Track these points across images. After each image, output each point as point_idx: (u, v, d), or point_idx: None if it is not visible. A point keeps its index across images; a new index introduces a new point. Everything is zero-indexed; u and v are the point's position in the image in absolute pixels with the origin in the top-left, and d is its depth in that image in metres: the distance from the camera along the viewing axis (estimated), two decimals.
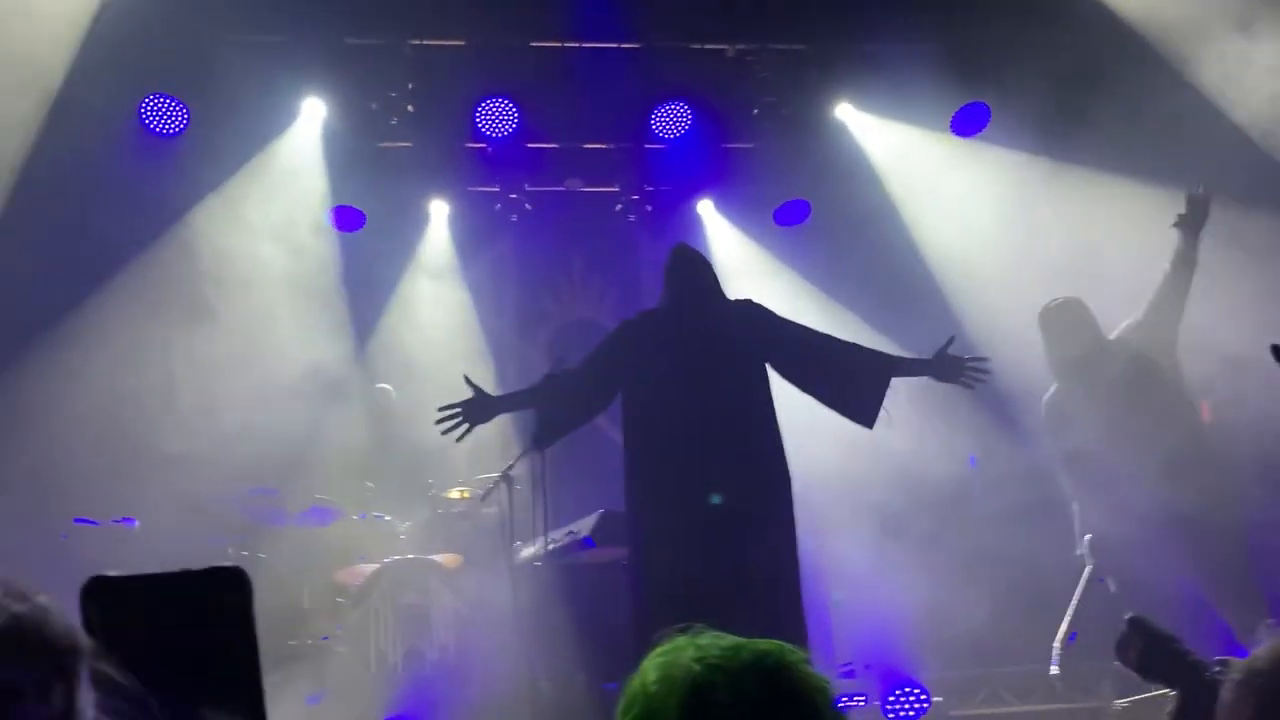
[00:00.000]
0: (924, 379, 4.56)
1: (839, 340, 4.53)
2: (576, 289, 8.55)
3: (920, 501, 6.56)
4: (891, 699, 5.81)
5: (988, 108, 7.05)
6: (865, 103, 7.31)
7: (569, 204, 8.10)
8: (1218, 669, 1.96)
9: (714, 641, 1.25)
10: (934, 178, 7.24)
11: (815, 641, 4.78)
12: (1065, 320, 4.96)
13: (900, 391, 4.39)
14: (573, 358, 4.72)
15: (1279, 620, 4.39)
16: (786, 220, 8.00)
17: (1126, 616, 2.28)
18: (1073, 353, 4.90)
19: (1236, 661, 1.91)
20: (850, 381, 4.38)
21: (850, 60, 7.14)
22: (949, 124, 7.17)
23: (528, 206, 7.83)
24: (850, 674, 6.29)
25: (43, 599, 0.86)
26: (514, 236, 8.31)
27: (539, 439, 4.51)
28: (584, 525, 5.47)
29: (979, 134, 7.16)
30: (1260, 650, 1.86)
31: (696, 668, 1.20)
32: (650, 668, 1.24)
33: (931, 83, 6.79)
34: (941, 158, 7.25)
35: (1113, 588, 4.93)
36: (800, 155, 7.63)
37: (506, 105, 7.04)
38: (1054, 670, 4.79)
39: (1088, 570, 4.95)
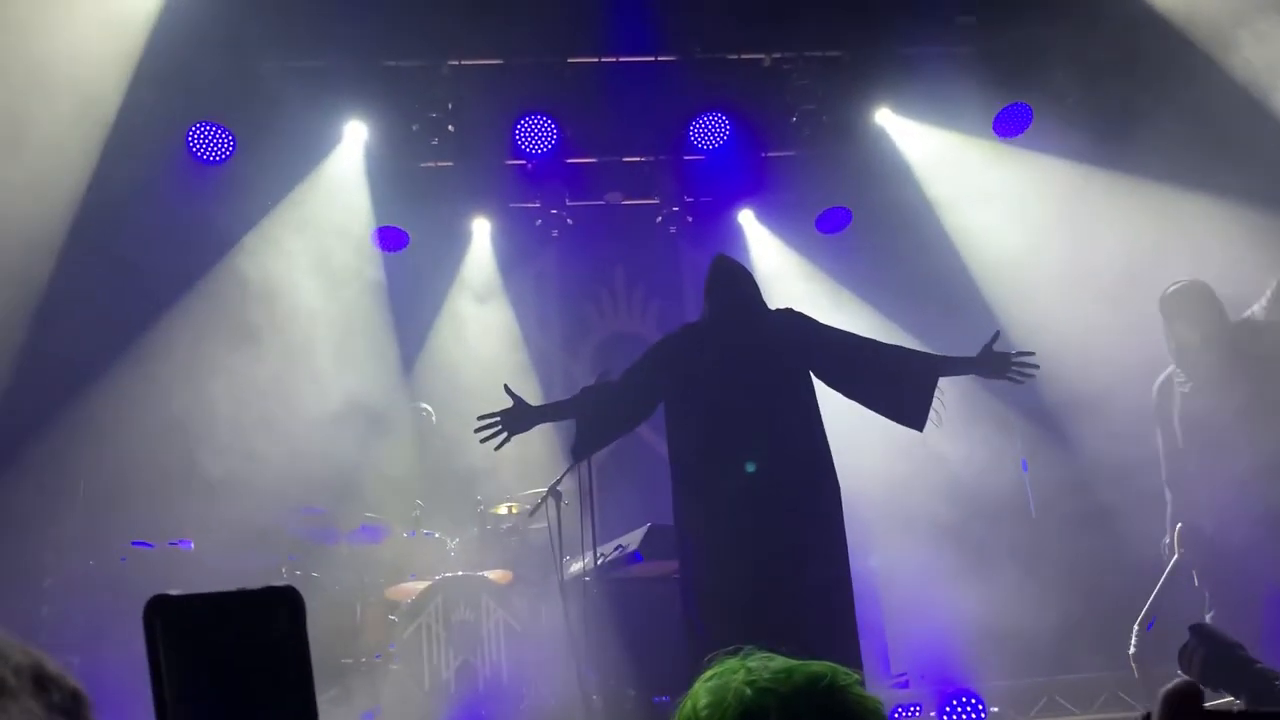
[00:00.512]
0: (971, 377, 4.51)
1: (883, 344, 4.48)
2: (619, 302, 8.57)
3: (973, 508, 6.49)
4: (948, 709, 5.72)
5: (1030, 108, 6.98)
6: (904, 108, 7.27)
7: (610, 218, 8.13)
8: None
9: (764, 664, 1.23)
10: (976, 182, 7.17)
11: (871, 652, 4.74)
12: (1190, 302, 4.78)
13: (947, 394, 4.31)
14: (616, 371, 4.71)
15: None
16: (828, 228, 7.97)
17: (1190, 625, 2.22)
18: (1197, 335, 4.73)
19: None
20: (897, 385, 4.32)
21: (888, 65, 7.10)
22: (991, 126, 7.10)
23: (569, 221, 7.86)
24: (905, 684, 6.23)
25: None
26: (556, 252, 8.35)
27: (577, 450, 4.49)
28: (632, 539, 5.46)
29: (1022, 135, 7.09)
30: None
31: (748, 691, 1.18)
32: (701, 691, 1.22)
33: (971, 85, 6.75)
34: (984, 162, 7.18)
35: (1196, 581, 4.82)
36: (840, 162, 7.60)
37: (545, 122, 7.09)
38: (1132, 650, 4.70)
39: (1174, 560, 4.82)
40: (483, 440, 4.35)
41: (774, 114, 7.32)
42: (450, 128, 7.02)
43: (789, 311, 4.56)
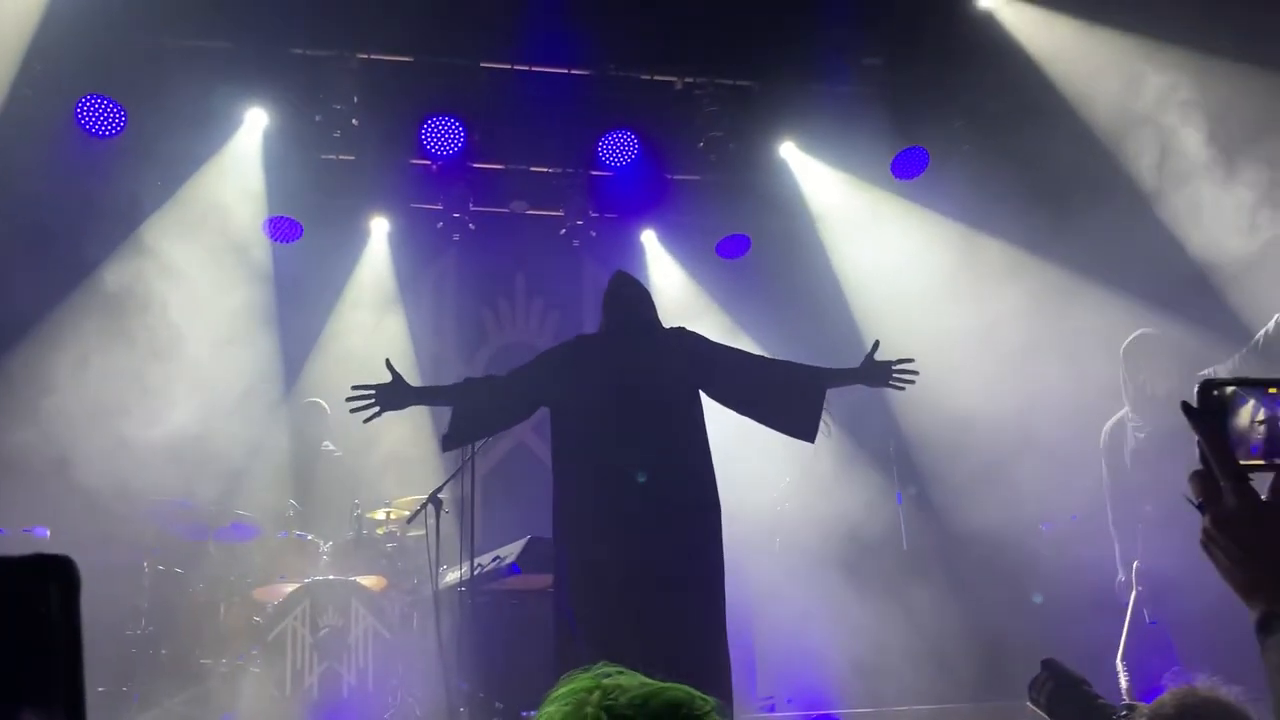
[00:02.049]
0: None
1: (771, 360, 4.57)
2: (517, 312, 8.52)
3: (848, 539, 6.63)
4: None
5: (926, 153, 7.20)
6: (808, 143, 7.43)
7: (513, 226, 8.08)
8: (1124, 714, 1.98)
9: (622, 687, 1.19)
10: (867, 230, 7.38)
11: (740, 674, 4.76)
12: (1157, 353, 4.87)
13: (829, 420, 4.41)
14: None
15: (1181, 669, 4.47)
16: (728, 253, 8.07)
17: (1043, 659, 2.29)
18: (1163, 387, 4.80)
19: (1143, 707, 1.93)
20: (787, 399, 4.40)
21: (796, 99, 7.23)
22: (889, 167, 7.31)
23: (471, 226, 7.77)
24: (771, 708, 6.31)
25: None
26: (456, 256, 8.27)
27: (448, 439, 4.41)
28: (510, 551, 5.41)
29: (917, 178, 7.31)
30: (1165, 697, 1.89)
31: (604, 717, 1.16)
32: (555, 712, 1.19)
33: (874, 125, 6.94)
34: (877, 210, 7.39)
35: (1148, 618, 4.93)
36: (744, 190, 7.72)
37: (453, 124, 7.01)
38: (1124, 685, 4.81)
39: (1133, 596, 4.95)
40: (353, 410, 4.25)
41: (682, 137, 7.38)
42: (354, 121, 6.89)
43: (682, 330, 4.60)
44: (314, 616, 5.63)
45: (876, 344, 4.41)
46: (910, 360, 4.38)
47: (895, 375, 4.36)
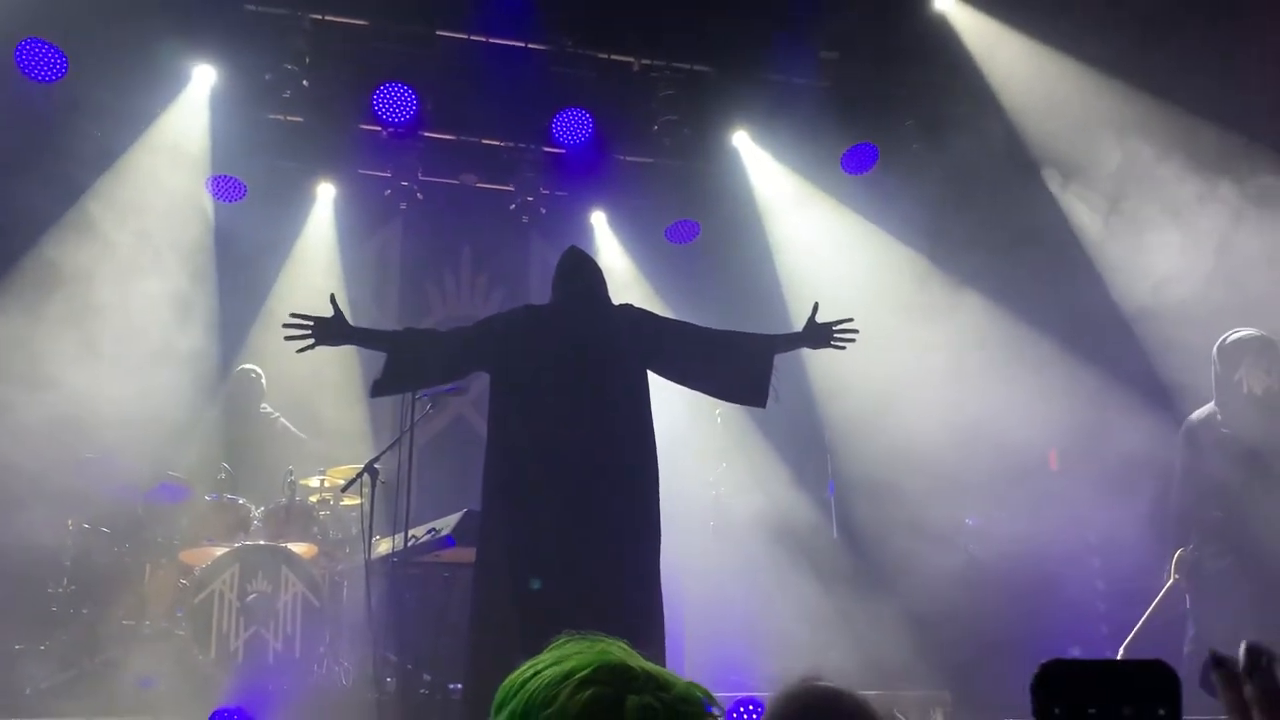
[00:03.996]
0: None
1: (717, 330, 4.57)
2: (462, 285, 8.47)
3: (780, 526, 6.73)
4: (735, 715, 5.89)
5: (876, 149, 7.28)
6: (760, 134, 7.46)
7: (462, 199, 8.03)
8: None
9: (573, 648, 1.21)
10: (812, 226, 7.44)
11: (669, 655, 4.79)
12: (1262, 351, 4.73)
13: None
14: None
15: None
16: (677, 238, 8.10)
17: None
18: (1260, 385, 4.69)
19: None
20: (737, 368, 4.45)
21: (751, 89, 7.26)
22: (840, 161, 7.37)
23: (419, 196, 7.70)
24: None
25: None
26: (402, 225, 8.19)
27: (378, 385, 4.37)
28: (446, 523, 5.40)
29: (867, 173, 7.39)
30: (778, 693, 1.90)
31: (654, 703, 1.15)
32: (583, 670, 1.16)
33: (827, 119, 7.00)
34: (821, 209, 7.45)
35: (1188, 604, 4.92)
36: (695, 176, 7.74)
37: (406, 92, 6.92)
38: None
39: (1168, 585, 4.92)
40: (287, 338, 4.21)
41: (637, 119, 7.36)
42: (305, 83, 6.77)
43: (629, 306, 4.62)
44: (242, 582, 5.57)
45: (816, 306, 4.48)
46: (850, 320, 4.46)
47: (836, 335, 4.44)
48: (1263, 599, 4.30)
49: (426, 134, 7.44)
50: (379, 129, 7.27)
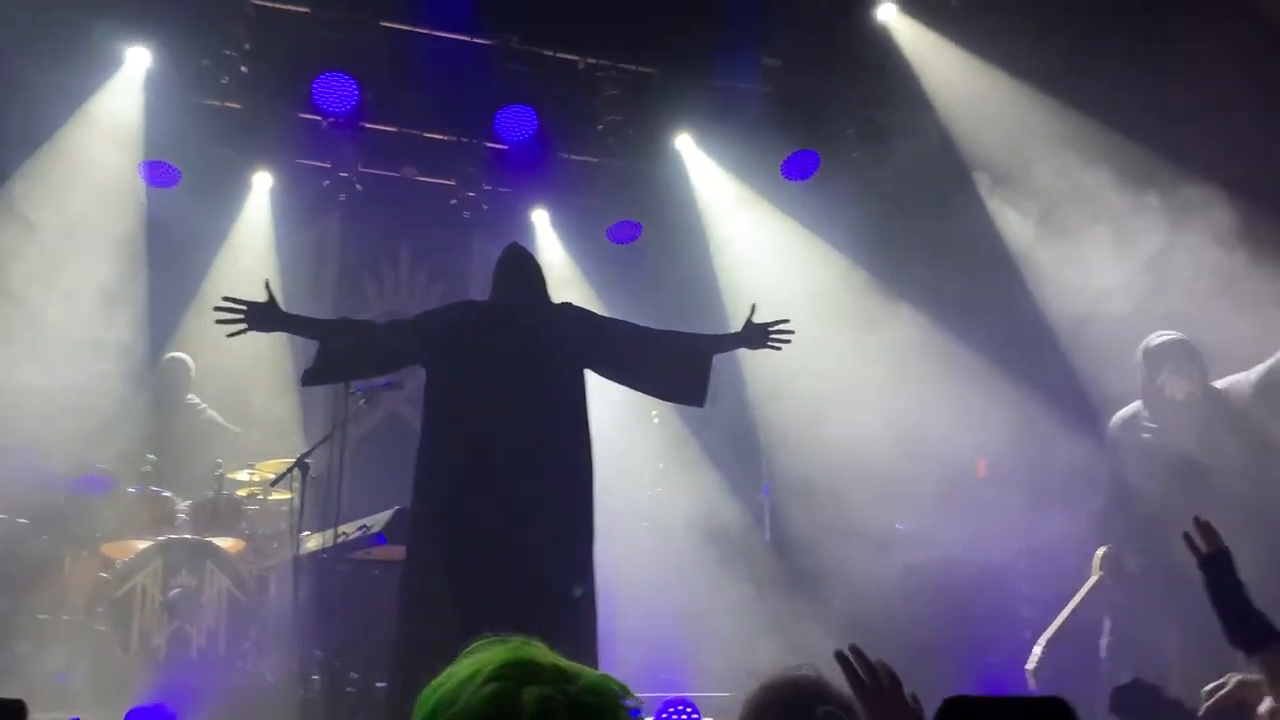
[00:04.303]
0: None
1: (656, 330, 4.59)
2: (400, 280, 8.39)
3: (714, 527, 6.78)
4: (665, 715, 5.92)
5: (818, 156, 7.36)
6: (703, 137, 7.49)
7: (402, 192, 7.93)
8: None
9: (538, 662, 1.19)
10: (752, 232, 7.49)
11: (603, 654, 4.77)
12: (1181, 355, 4.82)
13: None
14: None
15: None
16: (619, 238, 8.10)
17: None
18: (1182, 390, 4.79)
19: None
20: (676, 368, 4.48)
21: (695, 91, 7.29)
22: (781, 167, 7.44)
23: (358, 187, 7.58)
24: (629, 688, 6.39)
25: None
26: (340, 218, 8.09)
27: (310, 373, 4.31)
28: (378, 520, 5.34)
29: (808, 180, 7.46)
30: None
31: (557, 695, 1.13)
32: (489, 668, 1.15)
33: (769, 125, 7.06)
34: (761, 215, 7.50)
35: (1108, 601, 4.99)
36: (639, 177, 7.75)
37: (347, 81, 6.83)
38: (1032, 665, 4.87)
39: (1091, 581, 4.98)
40: (218, 321, 4.14)
41: (581, 118, 7.34)
42: (244, 69, 6.64)
43: (569, 305, 4.61)
44: (166, 576, 5.47)
45: (754, 308, 4.53)
46: (786, 321, 4.50)
47: (773, 336, 4.48)
48: (1180, 597, 4.41)
49: (367, 125, 7.34)
50: (319, 118, 7.16)
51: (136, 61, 6.65)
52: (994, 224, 6.48)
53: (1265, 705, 2.31)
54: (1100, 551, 5.00)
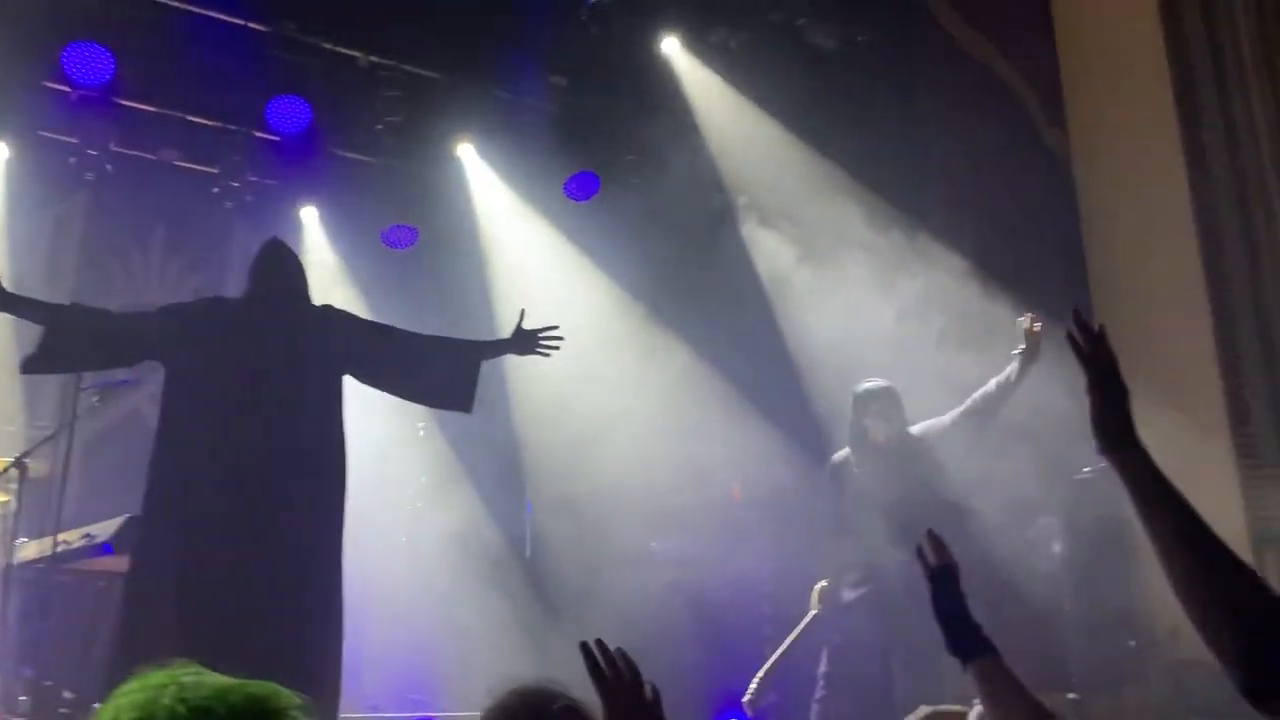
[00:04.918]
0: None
1: (423, 336, 4.49)
2: (152, 268, 7.84)
3: (477, 544, 6.71)
4: None
5: (598, 179, 7.46)
6: (485, 148, 7.43)
7: (159, 176, 7.42)
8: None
9: (200, 680, 1.14)
10: (528, 247, 7.50)
11: (349, 670, 4.59)
12: (885, 401, 5.07)
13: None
14: None
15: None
16: (394, 242, 7.90)
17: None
18: (882, 433, 5.03)
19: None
20: (442, 372, 4.40)
21: (479, 101, 7.22)
22: (563, 186, 7.49)
23: (109, 168, 7.02)
24: (376, 707, 6.22)
25: None
26: (87, 197, 7.47)
27: (32, 360, 3.98)
28: (105, 529, 4.99)
29: (589, 201, 7.54)
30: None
31: (182, 709, 1.09)
32: (124, 705, 1.11)
33: (552, 142, 7.09)
34: (537, 232, 7.52)
35: (825, 634, 5.13)
36: (417, 181, 7.59)
37: (102, 53, 6.33)
38: (745, 699, 4.92)
39: (810, 615, 5.10)
40: None
41: (360, 116, 7.11)
42: None
43: (329, 308, 4.45)
44: None
45: (523, 313, 4.51)
46: (555, 327, 4.50)
47: (541, 341, 4.46)
48: (894, 629, 4.73)
49: (123, 102, 6.83)
50: (67, 89, 6.60)
51: None
52: (755, 261, 6.77)
53: (974, 713, 2.51)
54: (818, 585, 5.23)
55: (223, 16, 6.56)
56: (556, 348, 4.51)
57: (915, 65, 6.93)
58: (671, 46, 6.96)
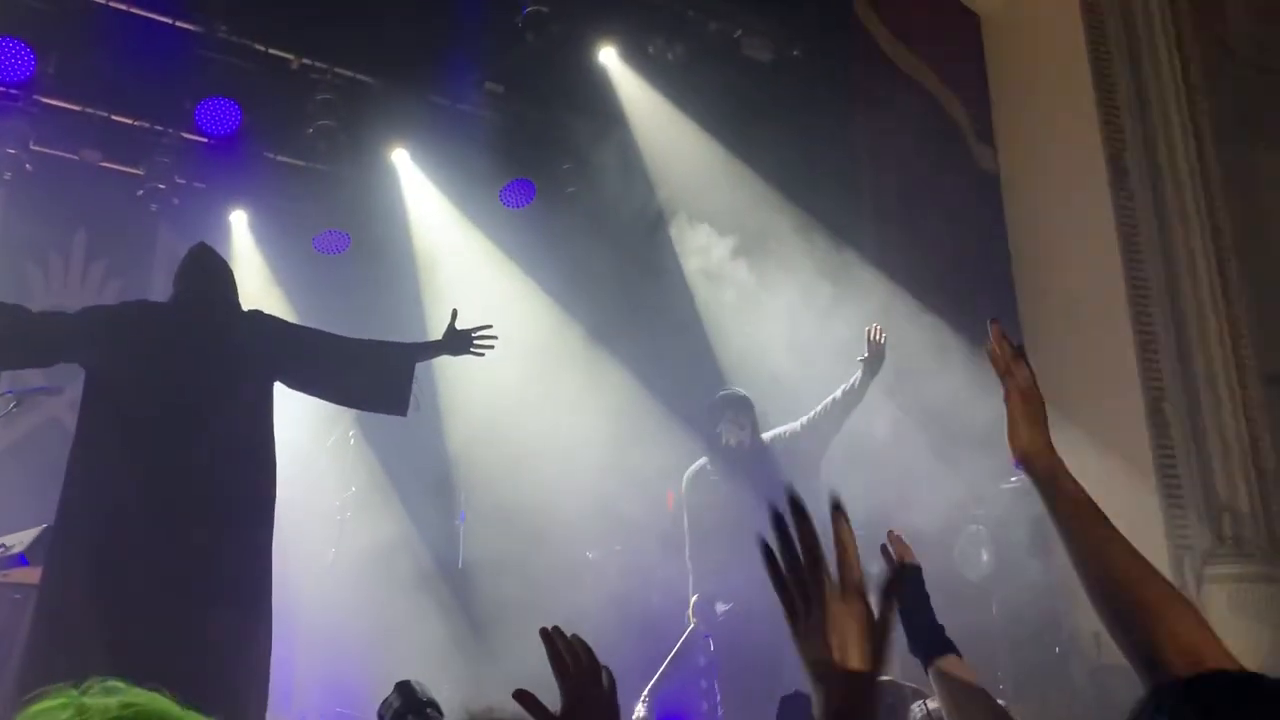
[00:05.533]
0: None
1: (353, 339, 4.41)
2: (71, 272, 7.61)
3: (407, 555, 6.62)
4: None
5: (534, 186, 7.42)
6: (420, 154, 7.35)
7: (81, 177, 7.21)
8: None
9: (104, 701, 1.09)
10: (461, 259, 7.44)
11: (277, 687, 4.46)
12: (738, 408, 5.22)
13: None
14: None
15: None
16: (326, 248, 7.76)
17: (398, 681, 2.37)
18: (735, 437, 5.17)
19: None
20: (375, 376, 4.33)
21: (414, 106, 7.14)
22: (499, 193, 7.43)
23: (28, 167, 6.81)
24: None
25: None
26: (3, 198, 7.23)
27: None
28: (20, 539, 4.81)
29: (524, 208, 7.50)
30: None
31: None
32: None
33: (488, 150, 7.04)
34: (472, 243, 7.46)
35: (711, 648, 5.18)
36: (349, 187, 7.47)
37: (21, 48, 6.15)
38: (638, 714, 4.92)
39: (686, 632, 5.16)
40: None
41: (291, 119, 6.99)
42: None
43: (258, 313, 4.35)
44: None
45: (455, 313, 4.46)
46: (489, 326, 4.45)
47: (475, 342, 4.41)
48: (762, 634, 4.73)
49: (44, 100, 6.63)
50: None
51: None
52: (685, 271, 6.81)
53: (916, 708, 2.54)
54: (692, 600, 5.30)
55: (151, 15, 6.41)
56: (491, 347, 4.46)
57: (850, 79, 7.04)
58: (609, 56, 6.96)
